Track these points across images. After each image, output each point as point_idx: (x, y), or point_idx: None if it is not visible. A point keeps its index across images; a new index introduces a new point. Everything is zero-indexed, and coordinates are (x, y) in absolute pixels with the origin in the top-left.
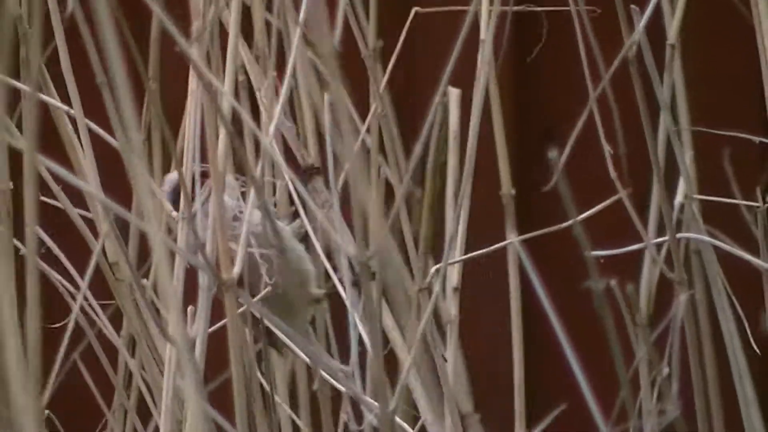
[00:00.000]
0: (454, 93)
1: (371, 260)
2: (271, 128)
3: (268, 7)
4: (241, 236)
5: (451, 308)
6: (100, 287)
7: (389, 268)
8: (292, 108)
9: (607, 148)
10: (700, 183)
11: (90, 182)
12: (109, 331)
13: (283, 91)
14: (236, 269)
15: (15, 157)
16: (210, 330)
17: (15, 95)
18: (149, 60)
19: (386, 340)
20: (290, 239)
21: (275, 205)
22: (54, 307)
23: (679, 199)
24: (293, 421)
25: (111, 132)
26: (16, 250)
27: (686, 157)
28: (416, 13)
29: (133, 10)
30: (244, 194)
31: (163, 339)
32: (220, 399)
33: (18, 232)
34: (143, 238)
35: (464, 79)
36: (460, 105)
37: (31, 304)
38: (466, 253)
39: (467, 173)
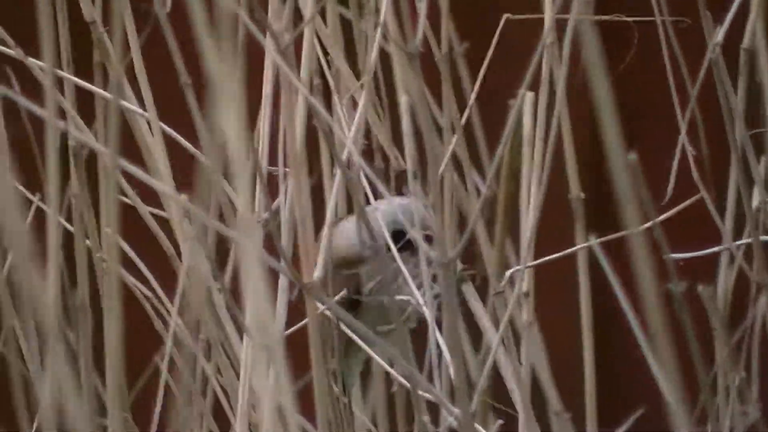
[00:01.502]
0: (528, 96)
1: (453, 263)
2: (352, 131)
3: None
4: (323, 239)
5: (523, 313)
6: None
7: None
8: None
9: (689, 150)
10: None
11: (166, 184)
12: (185, 335)
13: (364, 93)
14: (317, 272)
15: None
16: (287, 332)
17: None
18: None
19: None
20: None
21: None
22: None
23: (755, 203)
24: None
25: (185, 135)
26: (89, 252)
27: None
28: (491, 19)
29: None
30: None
31: (239, 343)
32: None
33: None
34: (220, 242)
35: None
36: (535, 109)
37: (112, 309)
38: (535, 258)
39: (537, 177)
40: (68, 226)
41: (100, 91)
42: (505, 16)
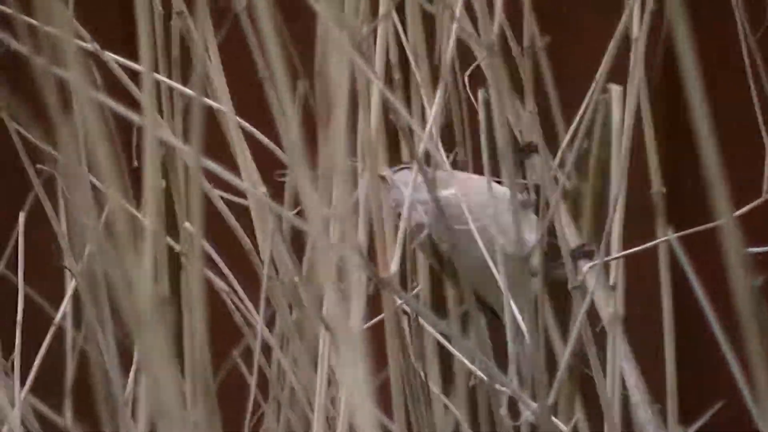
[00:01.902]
0: (616, 90)
1: (531, 257)
2: (428, 125)
3: None
4: (399, 233)
5: (609, 306)
6: (251, 284)
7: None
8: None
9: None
10: None
11: (245, 178)
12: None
13: (440, 87)
14: (394, 267)
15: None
16: (366, 326)
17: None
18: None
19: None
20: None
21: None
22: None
23: None
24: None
25: (263, 130)
26: (170, 248)
27: None
28: (567, 13)
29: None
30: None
31: (317, 336)
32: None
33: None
34: (297, 236)
35: (614, 80)
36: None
37: (197, 305)
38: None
39: (621, 171)
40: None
41: (182, 87)
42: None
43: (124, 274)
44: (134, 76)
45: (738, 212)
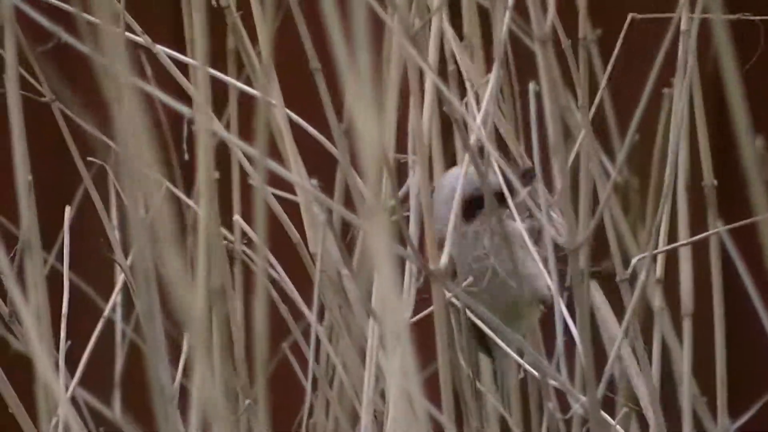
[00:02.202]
0: (685, 84)
1: (581, 249)
2: (479, 118)
3: None
4: (449, 225)
5: (654, 299)
6: (298, 278)
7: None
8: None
9: None
10: None
11: (292, 170)
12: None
13: (493, 77)
14: (444, 259)
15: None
16: (414, 319)
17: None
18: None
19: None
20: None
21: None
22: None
23: None
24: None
25: (314, 122)
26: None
27: None
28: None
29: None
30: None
31: (365, 328)
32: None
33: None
34: (346, 230)
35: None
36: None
37: (259, 298)
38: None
39: (671, 163)
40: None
41: (237, 83)
42: (631, 15)
43: (176, 267)
44: (185, 69)
45: None
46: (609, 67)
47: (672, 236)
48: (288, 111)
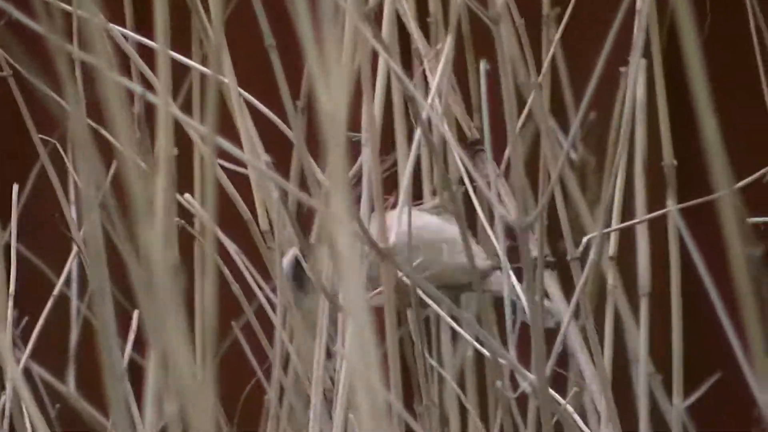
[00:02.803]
0: (642, 63)
1: (532, 226)
2: (431, 95)
3: None
4: (399, 205)
5: (608, 277)
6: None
7: None
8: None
9: None
10: None
11: (246, 149)
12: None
13: (444, 54)
14: (392, 238)
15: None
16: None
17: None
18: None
19: None
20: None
21: None
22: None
23: None
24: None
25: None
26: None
27: None
28: None
29: None
30: None
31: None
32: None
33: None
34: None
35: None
36: (645, 74)
37: (209, 275)
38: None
39: (623, 142)
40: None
41: (188, 60)
42: None
43: (134, 241)
44: (140, 49)
45: (739, 184)
46: (552, 47)
47: (630, 216)
48: (240, 89)
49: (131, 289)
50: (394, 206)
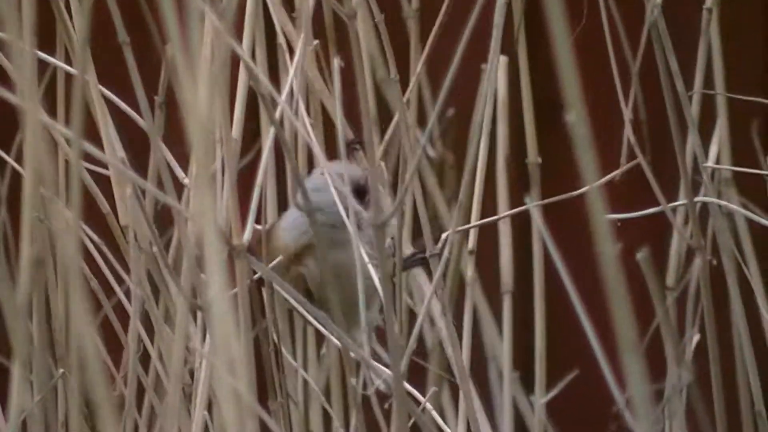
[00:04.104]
0: (503, 61)
1: (386, 225)
2: (284, 92)
3: None
4: (252, 203)
5: (467, 270)
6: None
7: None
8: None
9: (627, 114)
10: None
11: (106, 149)
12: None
13: (298, 52)
14: (246, 235)
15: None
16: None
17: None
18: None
19: None
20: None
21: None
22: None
23: (709, 163)
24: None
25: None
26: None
27: (718, 124)
28: None
29: None
30: None
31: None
32: None
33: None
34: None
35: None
36: (506, 73)
37: (73, 271)
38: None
39: (476, 140)
40: None
41: (48, 57)
42: None
43: None
44: None
45: (601, 180)
46: (429, 41)
47: (491, 213)
48: (101, 86)
49: None
50: None
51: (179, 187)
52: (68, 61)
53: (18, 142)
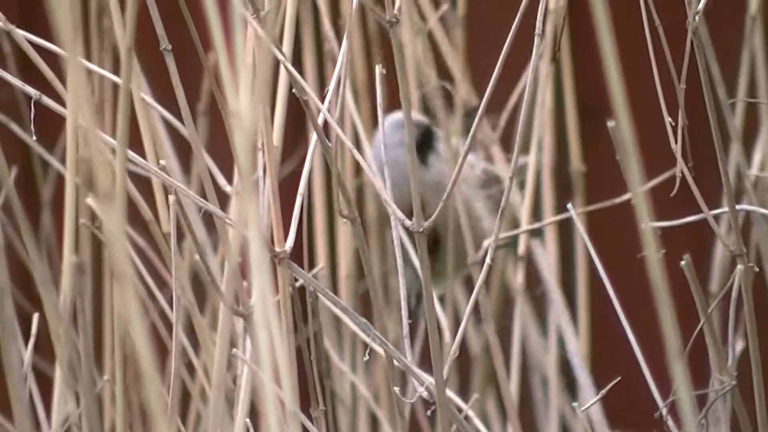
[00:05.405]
0: (547, 69)
1: (427, 231)
2: (327, 98)
3: None
4: (295, 209)
5: (517, 278)
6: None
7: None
8: None
9: (668, 120)
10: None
11: (148, 156)
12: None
13: (340, 59)
14: (289, 242)
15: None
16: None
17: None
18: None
19: None
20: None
21: None
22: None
23: (753, 171)
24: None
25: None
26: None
27: (762, 131)
28: None
29: None
30: None
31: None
32: None
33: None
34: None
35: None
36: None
37: (119, 276)
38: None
39: (517, 148)
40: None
41: (97, 67)
42: None
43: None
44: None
45: (646, 186)
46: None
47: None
48: (143, 95)
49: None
50: None
51: (221, 194)
52: (114, 69)
53: (62, 146)
